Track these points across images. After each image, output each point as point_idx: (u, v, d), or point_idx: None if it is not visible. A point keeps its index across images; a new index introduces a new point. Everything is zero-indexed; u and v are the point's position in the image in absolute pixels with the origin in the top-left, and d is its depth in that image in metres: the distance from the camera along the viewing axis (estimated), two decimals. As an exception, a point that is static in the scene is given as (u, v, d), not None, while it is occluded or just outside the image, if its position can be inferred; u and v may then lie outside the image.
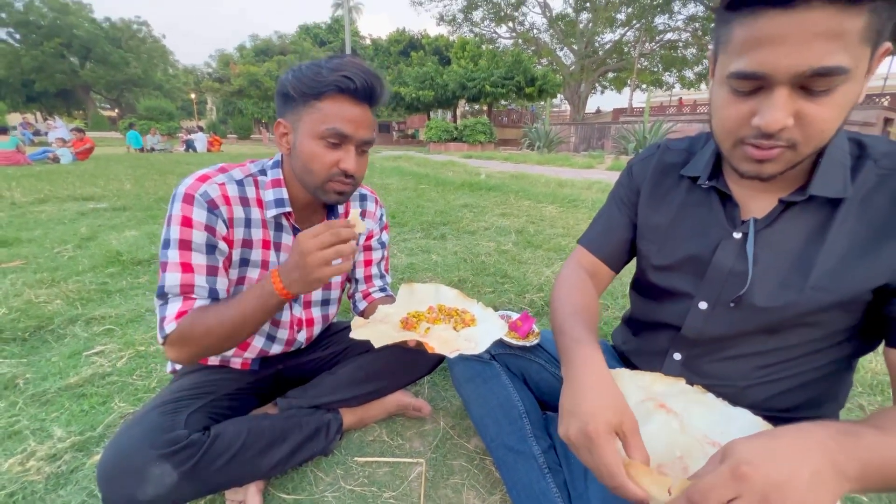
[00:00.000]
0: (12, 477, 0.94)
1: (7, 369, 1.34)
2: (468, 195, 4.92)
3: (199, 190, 0.81)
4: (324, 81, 0.78)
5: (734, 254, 0.66)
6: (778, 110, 0.50)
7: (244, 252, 0.90)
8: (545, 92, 20.01)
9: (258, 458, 0.86)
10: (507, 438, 0.89)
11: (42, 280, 2.06)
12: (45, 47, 28.88)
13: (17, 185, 5.13)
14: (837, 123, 0.52)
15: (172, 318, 0.77)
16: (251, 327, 0.78)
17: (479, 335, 0.82)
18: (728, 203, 0.68)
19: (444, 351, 0.74)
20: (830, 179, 0.59)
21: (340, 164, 0.82)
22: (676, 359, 0.77)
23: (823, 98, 0.49)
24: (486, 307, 0.94)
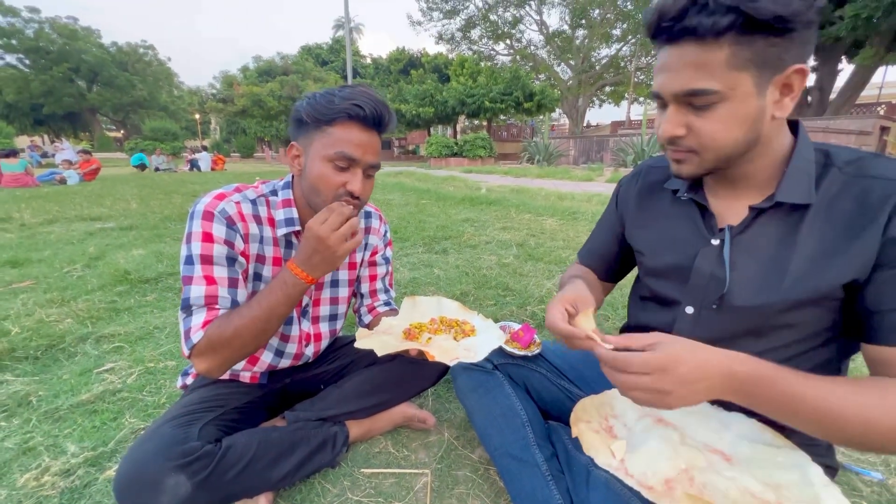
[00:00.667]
0: (28, 492, 0.96)
1: (21, 387, 1.37)
2: (469, 210, 4.97)
3: (218, 207, 0.86)
4: (335, 108, 0.83)
5: (713, 260, 0.71)
6: (666, 122, 0.63)
7: (257, 267, 0.94)
8: (543, 107, 20.29)
9: (268, 470, 0.88)
10: (511, 447, 0.90)
11: (52, 299, 2.10)
12: (53, 72, 29.58)
13: (26, 206, 5.23)
14: (730, 134, 0.60)
15: (199, 328, 0.80)
16: (276, 322, 0.84)
17: (478, 345, 0.85)
18: (706, 213, 0.73)
19: (443, 359, 0.77)
20: (796, 187, 0.64)
21: (347, 185, 0.87)
22: None
23: (706, 113, 0.59)
24: (486, 318, 0.97)
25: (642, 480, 0.63)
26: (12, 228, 3.93)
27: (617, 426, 0.81)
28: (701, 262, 0.72)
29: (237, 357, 0.83)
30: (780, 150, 0.66)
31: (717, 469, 0.65)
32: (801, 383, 0.55)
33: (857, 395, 0.54)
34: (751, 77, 0.56)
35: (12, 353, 1.57)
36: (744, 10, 0.52)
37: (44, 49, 29.93)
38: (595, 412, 0.83)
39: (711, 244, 0.71)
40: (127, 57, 34.57)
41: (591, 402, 0.85)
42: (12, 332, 1.71)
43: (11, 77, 28.78)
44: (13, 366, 1.51)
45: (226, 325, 0.80)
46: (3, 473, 1.02)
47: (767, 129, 0.62)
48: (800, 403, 0.55)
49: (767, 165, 0.66)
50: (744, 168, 0.67)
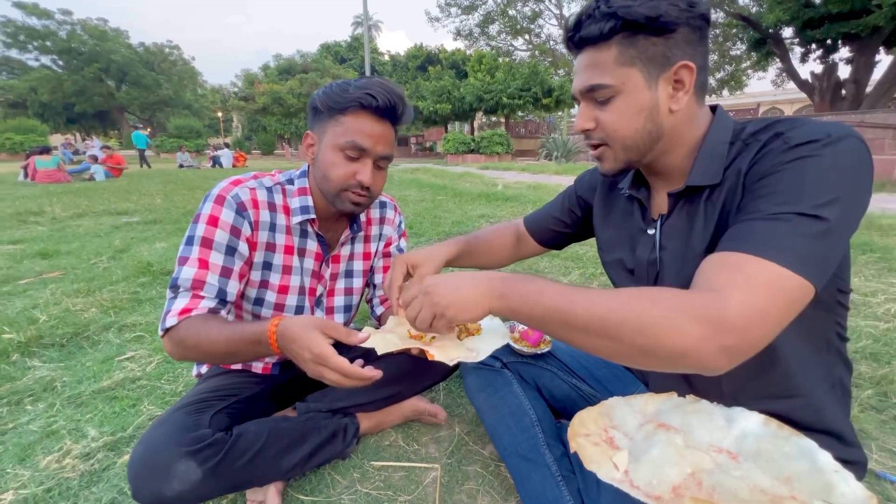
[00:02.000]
0: (50, 473, 0.99)
1: (46, 372, 1.42)
2: (485, 206, 4.94)
3: (231, 192, 0.87)
4: (348, 97, 0.84)
5: (649, 247, 0.75)
6: (578, 117, 0.71)
7: (267, 255, 0.95)
8: (563, 102, 20.00)
9: (278, 459, 0.88)
10: (520, 447, 0.89)
11: (79, 290, 2.17)
12: (85, 72, 30.70)
13: (57, 201, 5.44)
14: (630, 124, 0.66)
15: (176, 314, 0.80)
16: (236, 359, 0.85)
17: (481, 344, 0.83)
18: (644, 207, 0.78)
19: (442, 359, 0.75)
20: (705, 170, 0.66)
21: (357, 175, 0.86)
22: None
23: (607, 106, 0.66)
24: (493, 317, 0.94)
25: (649, 491, 0.60)
26: (44, 221, 4.09)
27: (618, 436, 0.77)
28: (640, 252, 0.76)
29: (199, 360, 0.84)
30: (693, 139, 0.69)
31: (724, 469, 0.62)
32: (565, 289, 0.59)
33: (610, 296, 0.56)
34: (640, 72, 0.63)
35: (40, 340, 1.63)
36: (620, 15, 0.60)
37: (76, 50, 31.08)
38: (593, 424, 0.79)
39: (647, 233, 0.76)
40: (153, 57, 35.59)
41: (589, 414, 0.81)
42: (40, 320, 1.78)
43: (46, 77, 30.01)
44: (41, 352, 1.56)
45: (193, 333, 0.79)
46: (27, 455, 1.05)
47: (671, 121, 0.66)
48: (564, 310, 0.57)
49: (684, 155, 0.70)
50: (663, 161, 0.71)
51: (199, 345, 0.78)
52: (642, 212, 0.78)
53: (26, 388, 1.34)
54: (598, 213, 0.91)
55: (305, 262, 1.00)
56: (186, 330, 0.79)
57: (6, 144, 18.88)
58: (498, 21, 24.89)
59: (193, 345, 0.78)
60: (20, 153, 15.96)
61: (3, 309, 1.95)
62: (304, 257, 1.00)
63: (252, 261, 0.93)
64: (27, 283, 2.31)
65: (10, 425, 1.17)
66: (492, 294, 0.63)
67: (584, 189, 0.98)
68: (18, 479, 0.97)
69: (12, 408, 1.25)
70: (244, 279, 0.92)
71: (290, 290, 1.00)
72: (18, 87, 30.17)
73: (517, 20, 24.43)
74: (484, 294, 0.63)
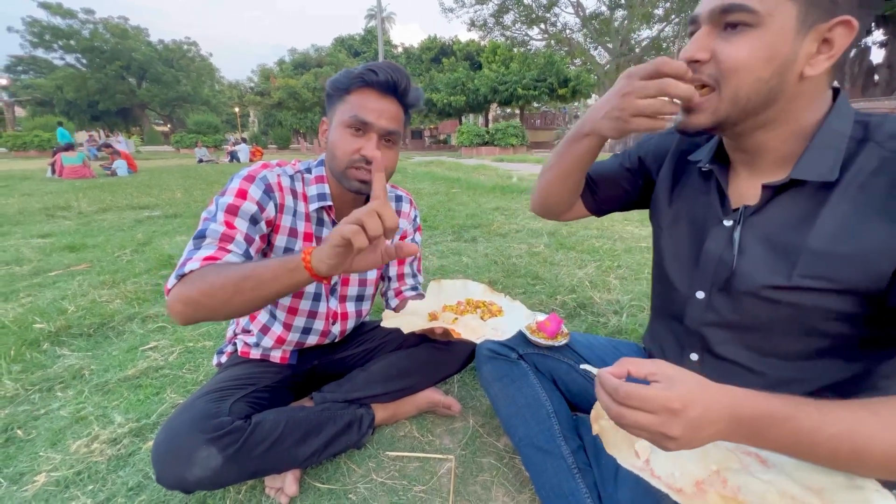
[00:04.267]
0: (79, 457, 1.03)
1: (75, 361, 1.48)
2: (500, 198, 4.91)
3: (260, 174, 0.90)
4: (351, 76, 0.87)
5: (723, 242, 0.66)
6: (691, 44, 0.58)
7: (290, 241, 0.96)
8: (579, 93, 19.67)
9: (295, 448, 0.90)
10: (536, 438, 0.88)
11: (104, 281, 2.24)
12: (107, 70, 31.50)
13: (83, 196, 5.61)
14: (754, 68, 0.54)
15: (200, 259, 0.76)
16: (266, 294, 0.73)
17: (506, 325, 0.83)
18: (724, 193, 0.68)
19: (470, 337, 0.75)
20: (817, 163, 0.57)
21: (361, 150, 0.87)
22: (693, 359, 0.75)
23: (735, 37, 0.55)
24: (513, 299, 0.95)
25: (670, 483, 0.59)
26: (71, 216, 4.23)
27: None
28: (711, 244, 0.68)
29: (212, 305, 0.72)
30: (806, 122, 0.59)
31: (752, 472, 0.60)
32: (815, 417, 0.48)
33: (887, 428, 0.46)
34: (795, 9, 0.52)
35: (69, 330, 1.69)
36: None
37: (98, 48, 31.87)
38: None
39: (723, 225, 0.67)
40: (172, 54, 36.26)
41: None
42: (69, 311, 1.84)
43: (71, 76, 30.89)
44: (69, 341, 1.62)
45: (220, 268, 0.74)
46: (58, 439, 1.10)
47: (796, 88, 0.56)
48: (817, 443, 0.48)
49: (789, 137, 0.60)
50: (761, 136, 0.61)
51: (224, 273, 0.71)
52: (720, 197, 0.69)
53: (56, 375, 1.39)
54: (664, 184, 0.80)
55: None
56: (214, 269, 0.74)
57: (34, 142, 19.52)
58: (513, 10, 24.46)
59: (214, 274, 0.71)
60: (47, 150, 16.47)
61: (35, 300, 2.03)
62: None
63: (274, 244, 0.95)
64: (56, 275, 2.39)
65: (42, 411, 1.22)
66: (743, 436, 0.50)
67: (648, 153, 0.85)
68: (50, 462, 1.02)
69: (44, 394, 1.30)
70: (257, 255, 0.92)
71: None
72: (45, 85, 31.15)
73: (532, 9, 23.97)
74: (722, 438, 0.50)
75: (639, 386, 0.49)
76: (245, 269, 0.72)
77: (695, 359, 0.75)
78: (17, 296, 2.09)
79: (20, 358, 1.49)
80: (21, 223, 3.89)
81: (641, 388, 0.48)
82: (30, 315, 1.80)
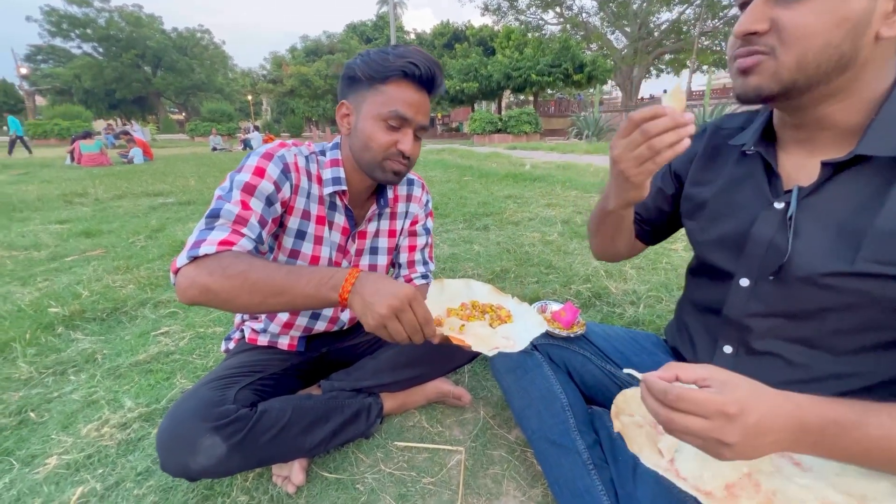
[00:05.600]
0: (90, 441, 1.03)
1: (88, 345, 1.49)
2: (512, 186, 4.83)
3: (279, 152, 0.88)
4: (391, 66, 0.82)
5: (775, 225, 0.61)
6: (746, 14, 0.54)
7: (302, 224, 0.94)
8: (595, 78, 19.18)
9: (301, 436, 0.88)
10: (550, 431, 0.85)
11: (118, 267, 2.26)
12: (123, 59, 31.84)
13: (100, 183, 5.70)
14: (823, 32, 0.50)
15: (214, 243, 0.73)
16: (291, 309, 0.77)
17: (517, 332, 0.78)
18: (772, 173, 0.64)
19: (481, 349, 0.71)
20: (886, 137, 0.52)
21: (398, 145, 0.86)
22: (727, 352, 0.71)
23: (798, 3, 0.50)
24: (520, 302, 0.89)
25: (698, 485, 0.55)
26: (88, 203, 4.29)
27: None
28: (760, 228, 0.63)
29: (226, 296, 0.70)
30: (874, 91, 0.53)
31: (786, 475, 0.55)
32: (888, 424, 0.45)
33: None
34: None
35: (83, 315, 1.70)
36: None
37: (114, 37, 32.21)
38: (637, 404, 0.74)
39: (774, 207, 0.62)
40: (186, 42, 36.42)
41: (634, 393, 0.76)
42: (83, 296, 1.86)
43: (88, 65, 31.31)
44: (83, 325, 1.64)
45: (245, 260, 0.72)
46: (70, 423, 1.10)
47: (869, 52, 0.50)
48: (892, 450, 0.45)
49: (855, 108, 0.54)
50: (826, 109, 0.56)
51: (248, 273, 0.69)
52: (769, 178, 0.64)
53: (70, 359, 1.40)
54: (697, 177, 0.76)
55: (333, 235, 0.99)
56: (232, 258, 0.72)
57: (55, 130, 19.92)
58: (528, -7, 23.89)
59: (238, 273, 0.69)
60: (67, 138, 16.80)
61: (51, 284, 2.06)
62: (332, 230, 0.99)
63: (286, 225, 0.92)
64: (72, 261, 2.42)
65: (55, 394, 1.23)
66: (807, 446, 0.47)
67: (679, 161, 0.81)
68: (62, 445, 1.02)
69: (57, 377, 1.31)
70: (269, 237, 0.90)
71: (321, 260, 0.98)
72: (64, 74, 31.65)
73: (548, -8, 23.38)
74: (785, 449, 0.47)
75: (691, 388, 0.46)
76: (276, 282, 0.70)
77: (728, 351, 0.71)
78: (34, 280, 2.12)
79: (35, 341, 1.50)
80: (40, 209, 3.96)
81: (694, 392, 0.45)
82: (45, 299, 1.82)
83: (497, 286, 0.93)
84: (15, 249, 2.65)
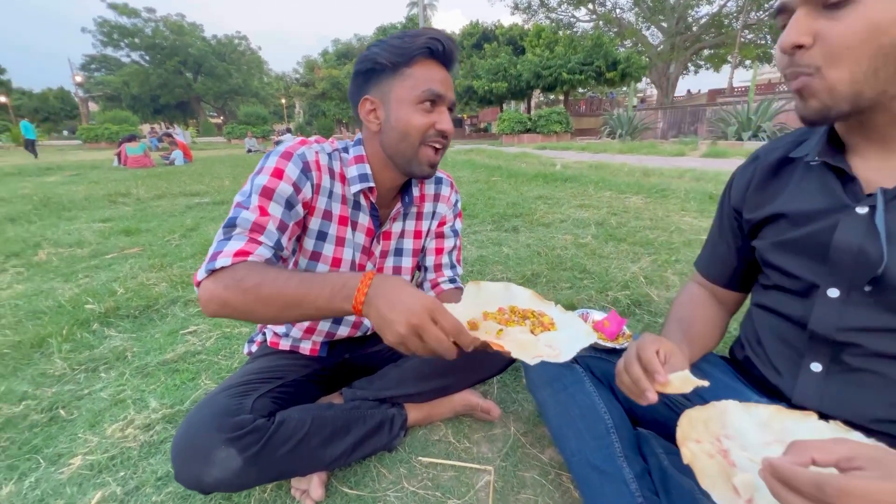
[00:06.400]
0: (114, 441, 1.02)
1: (120, 342, 1.51)
2: (542, 186, 4.70)
3: (298, 151, 0.83)
4: (414, 46, 0.79)
5: (860, 231, 0.57)
6: (789, 28, 0.53)
7: (324, 224, 0.89)
8: (628, 76, 18.59)
9: (321, 449, 0.83)
10: (592, 455, 0.76)
11: (153, 265, 2.32)
12: (167, 66, 33.59)
13: (142, 183, 5.95)
14: (872, 43, 0.48)
15: (230, 255, 0.70)
16: (306, 319, 0.73)
17: (562, 342, 0.69)
18: (846, 179, 0.60)
19: (522, 356, 0.63)
20: None
21: (437, 125, 0.83)
22: (815, 371, 0.63)
23: (842, 13, 0.49)
24: (564, 310, 0.80)
25: None
26: (129, 202, 4.48)
27: (733, 450, 0.62)
28: (844, 235, 0.59)
29: (242, 308, 0.68)
30: None
31: None
32: None
33: None
34: None
35: (117, 312, 1.74)
36: None
37: (159, 45, 34.04)
38: (703, 428, 0.65)
39: (856, 213, 0.58)
40: (224, 48, 38.02)
41: (699, 414, 0.66)
42: (118, 293, 1.90)
43: (136, 72, 33.22)
44: (117, 322, 1.67)
45: (259, 271, 0.69)
46: (97, 421, 1.10)
47: None
48: None
49: None
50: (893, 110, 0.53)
51: (261, 286, 0.66)
52: (843, 183, 0.61)
53: (102, 356, 1.42)
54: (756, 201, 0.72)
55: (356, 236, 0.94)
56: (247, 270, 0.69)
57: (105, 134, 21.19)
58: (559, -9, 23.45)
59: (253, 286, 0.66)
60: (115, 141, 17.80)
61: (91, 281, 2.12)
62: (356, 231, 0.94)
63: (307, 226, 0.88)
64: (112, 258, 2.51)
65: (85, 391, 1.24)
66: None
67: (737, 196, 0.77)
68: (87, 445, 1.02)
69: (89, 374, 1.33)
70: (292, 241, 0.86)
71: (343, 263, 0.94)
72: (114, 81, 33.76)
73: (580, -12, 22.87)
74: None
75: (849, 477, 0.37)
76: (288, 295, 0.66)
77: (817, 370, 0.63)
78: (76, 276, 2.20)
79: (72, 337, 1.54)
80: (86, 208, 4.16)
81: (856, 481, 0.37)
82: (84, 295, 1.88)
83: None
84: (61, 246, 2.77)
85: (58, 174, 7.78)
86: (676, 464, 0.76)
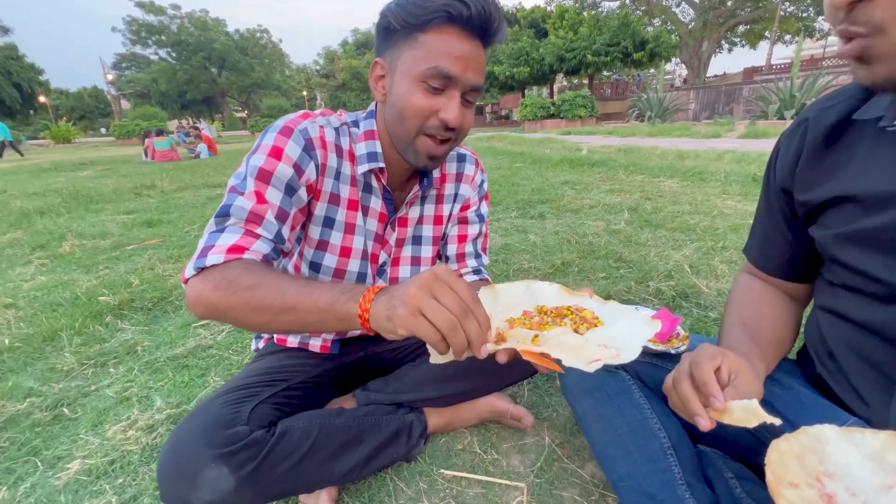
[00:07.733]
0: (115, 444, 0.96)
1: (132, 336, 1.46)
2: (568, 172, 4.48)
3: (300, 125, 0.71)
4: (431, 6, 0.63)
5: None
6: None
7: (330, 209, 0.78)
8: (657, 56, 17.72)
9: (329, 463, 0.73)
10: (645, 481, 0.63)
11: (171, 256, 2.29)
12: (192, 61, 34.38)
13: (167, 176, 6.04)
14: None
15: (222, 251, 0.60)
16: (305, 330, 0.63)
17: (618, 337, 0.55)
18: None
19: (576, 363, 0.49)
20: None
21: (440, 113, 0.67)
22: None
23: None
24: (603, 300, 0.65)
25: None
26: (154, 194, 4.53)
27: (840, 493, 0.47)
28: None
29: (230, 314, 0.58)
30: None
31: None
32: None
33: None
34: None
35: (131, 304, 1.69)
36: None
37: (185, 42, 34.83)
38: (797, 466, 0.49)
39: None
40: (246, 42, 38.54)
41: (790, 447, 0.51)
42: (133, 284, 1.87)
43: (163, 69, 34.16)
44: (130, 315, 1.62)
45: (257, 271, 0.59)
46: (100, 421, 1.04)
47: None
48: None
49: None
50: None
51: (256, 289, 0.56)
52: None
53: (112, 350, 1.37)
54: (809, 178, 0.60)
55: (368, 223, 0.82)
56: (241, 270, 0.59)
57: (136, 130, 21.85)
58: (583, -31, 22.52)
59: (246, 289, 0.56)
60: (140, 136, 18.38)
61: (110, 272, 2.10)
62: (368, 216, 0.82)
63: (312, 212, 0.77)
64: (132, 250, 2.49)
65: (92, 387, 1.18)
66: None
67: (783, 173, 0.64)
68: (87, 447, 0.95)
69: (98, 369, 1.28)
70: (295, 231, 0.74)
71: (353, 252, 0.82)
72: (143, 79, 34.84)
73: (606, -35, 21.90)
74: None
75: None
76: (286, 297, 0.55)
77: None
78: (96, 268, 2.18)
79: (84, 330, 1.50)
80: (113, 201, 4.23)
81: None
82: (100, 287, 1.85)
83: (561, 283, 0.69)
84: (85, 238, 2.79)
85: (91, 169, 8.02)
86: (753, 493, 0.63)
